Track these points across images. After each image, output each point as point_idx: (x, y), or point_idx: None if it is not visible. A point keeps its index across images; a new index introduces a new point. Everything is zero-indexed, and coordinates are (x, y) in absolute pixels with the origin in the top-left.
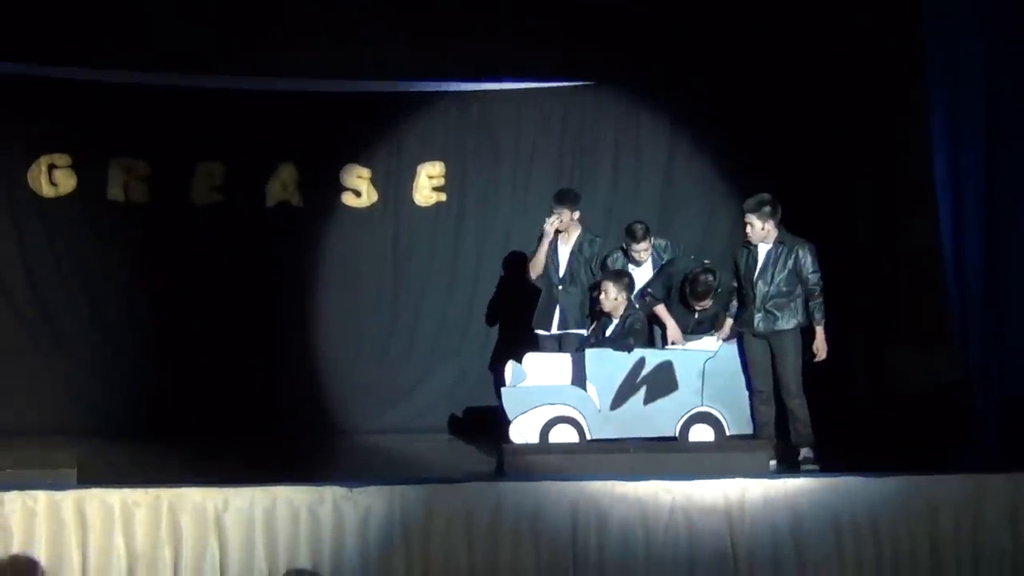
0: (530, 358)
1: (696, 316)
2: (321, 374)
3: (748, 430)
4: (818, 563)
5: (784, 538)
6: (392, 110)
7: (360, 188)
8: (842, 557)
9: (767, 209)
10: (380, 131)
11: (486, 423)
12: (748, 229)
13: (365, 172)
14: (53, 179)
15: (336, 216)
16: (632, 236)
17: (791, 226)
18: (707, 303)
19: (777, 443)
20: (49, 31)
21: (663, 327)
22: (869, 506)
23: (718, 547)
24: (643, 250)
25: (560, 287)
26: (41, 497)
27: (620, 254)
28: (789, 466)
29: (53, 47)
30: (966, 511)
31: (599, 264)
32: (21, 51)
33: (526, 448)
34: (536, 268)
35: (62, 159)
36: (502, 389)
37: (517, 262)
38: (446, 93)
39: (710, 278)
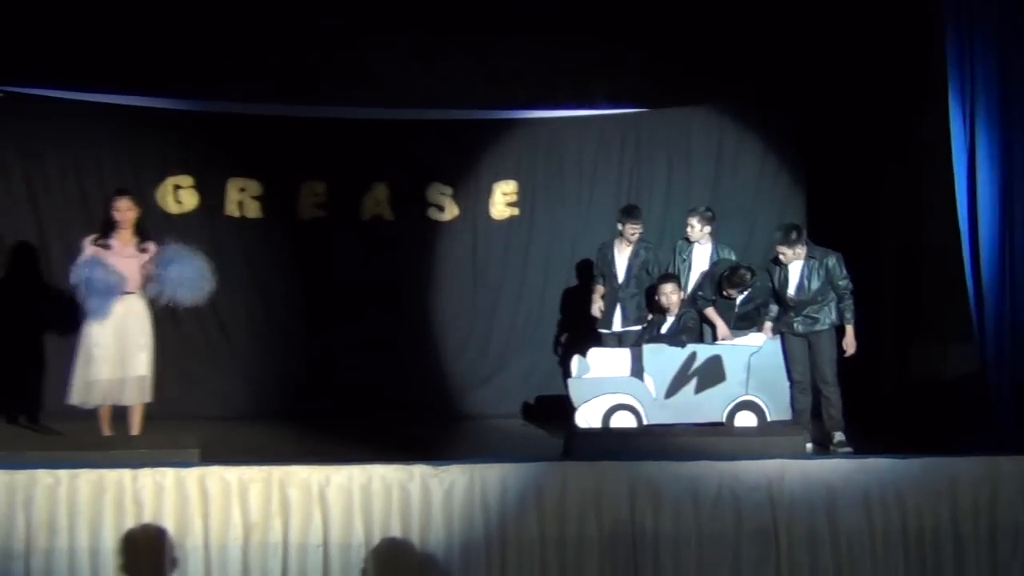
0: (593, 352)
1: (736, 311)
2: (410, 366)
3: (787, 416)
4: (850, 535)
5: (819, 513)
6: (471, 135)
7: (443, 204)
8: (871, 530)
9: (793, 236)
10: (460, 153)
11: (555, 410)
12: (780, 256)
13: (447, 190)
14: (178, 198)
15: (422, 228)
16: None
17: (823, 234)
18: (735, 292)
19: (813, 428)
20: (177, 70)
21: (712, 326)
22: (896, 484)
23: (760, 521)
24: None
25: (622, 289)
26: (169, 474)
27: (683, 241)
28: (823, 448)
29: (179, 83)
30: (983, 489)
31: (655, 267)
32: (152, 86)
33: (590, 432)
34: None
35: (186, 180)
36: (568, 380)
37: (581, 268)
38: (518, 120)
39: (747, 274)
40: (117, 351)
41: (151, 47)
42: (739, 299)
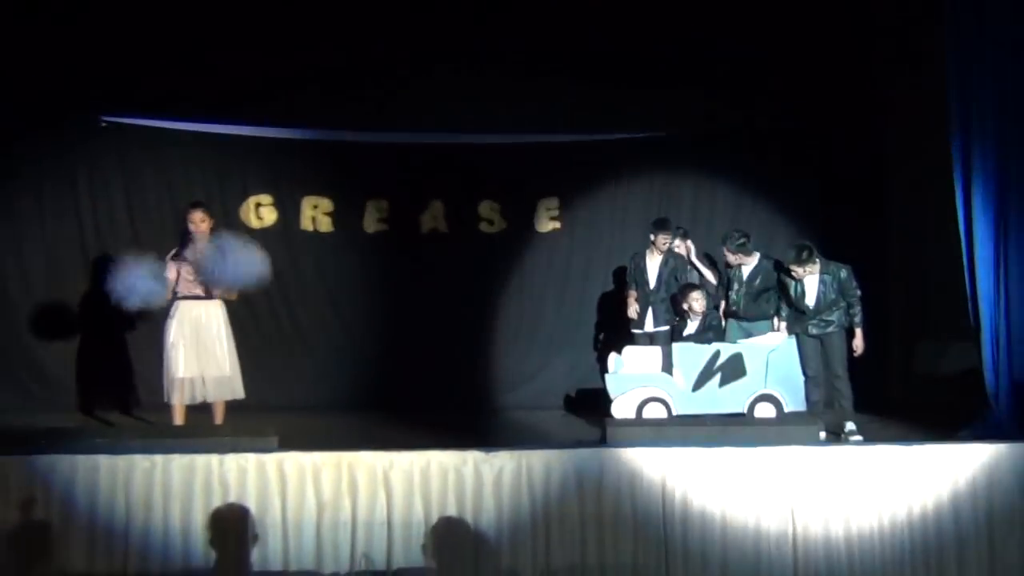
0: (628, 350)
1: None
2: (464, 363)
3: (802, 408)
4: (859, 515)
5: (832, 495)
6: (517, 157)
7: (492, 218)
8: (879, 512)
9: (804, 255)
10: (508, 173)
11: (593, 402)
12: (794, 273)
13: (496, 206)
14: (259, 214)
15: (474, 241)
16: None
17: (837, 248)
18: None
19: (826, 418)
20: (258, 101)
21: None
22: (902, 470)
23: (779, 501)
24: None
25: (653, 294)
26: (251, 459)
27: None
28: (836, 437)
29: (260, 113)
30: (982, 475)
31: (683, 274)
32: (236, 116)
33: (625, 422)
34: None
35: (266, 199)
36: (606, 375)
37: (616, 275)
38: (559, 143)
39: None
40: (199, 351)
41: (236, 81)
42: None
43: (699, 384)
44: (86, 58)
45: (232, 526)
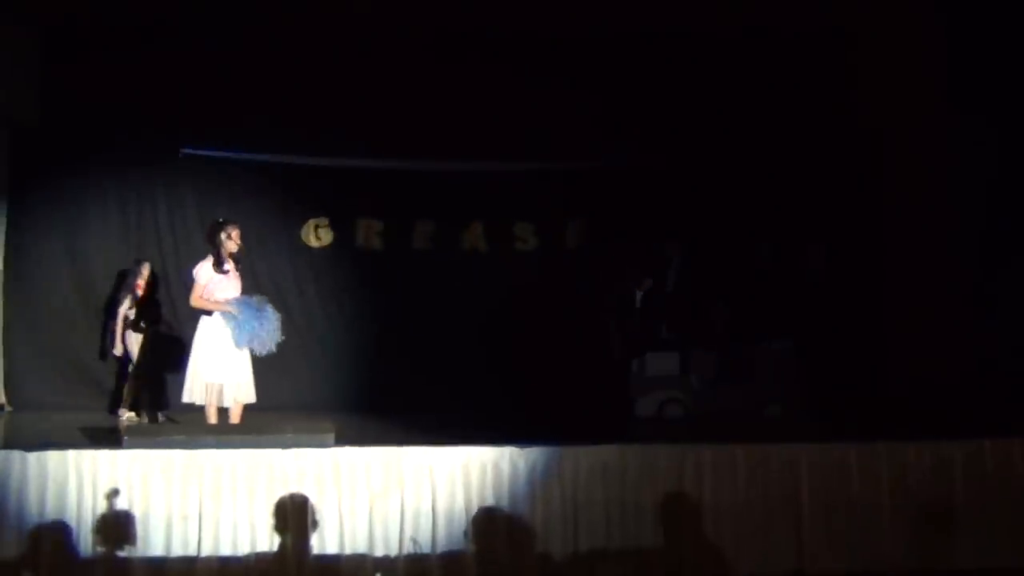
0: (650, 356)
1: None
2: (501, 366)
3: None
4: (864, 505)
5: (835, 486)
6: (550, 181)
7: (526, 237)
8: (880, 502)
9: None
10: (542, 196)
11: (618, 402)
12: None
13: (530, 226)
14: (318, 235)
15: (509, 257)
16: None
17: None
18: None
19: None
20: (317, 134)
21: None
22: (899, 463)
23: (787, 491)
24: None
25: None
26: (310, 453)
27: None
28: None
29: (319, 144)
30: (974, 465)
31: None
32: (297, 148)
33: (646, 419)
34: None
35: (323, 221)
36: (629, 377)
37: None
38: (584, 170)
39: None
40: (224, 357)
41: (295, 117)
42: None
43: (713, 387)
44: (167, 97)
45: (293, 514)
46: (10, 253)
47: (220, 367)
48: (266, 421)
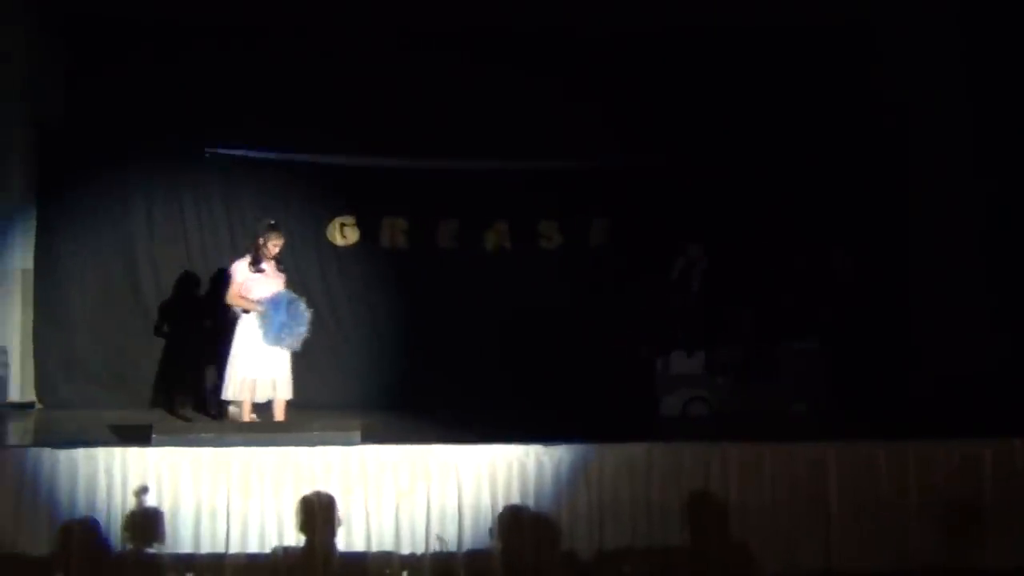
0: (675, 354)
1: None
2: (526, 364)
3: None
4: (891, 504)
5: (863, 485)
6: (574, 180)
7: (551, 235)
8: (906, 503)
9: None
10: (566, 194)
11: (643, 401)
12: None
13: (554, 224)
14: (343, 233)
15: (534, 255)
16: None
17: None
18: None
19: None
20: (343, 133)
21: None
22: (925, 462)
23: (812, 491)
24: None
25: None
26: (336, 451)
27: None
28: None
29: (344, 143)
30: (1002, 463)
31: None
32: (323, 147)
33: (671, 418)
34: None
35: (349, 219)
36: (655, 376)
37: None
38: (609, 168)
39: None
40: (263, 354)
41: (321, 117)
42: None
43: (736, 385)
44: (191, 97)
45: (320, 512)
46: (40, 252)
47: (255, 363)
48: (293, 419)
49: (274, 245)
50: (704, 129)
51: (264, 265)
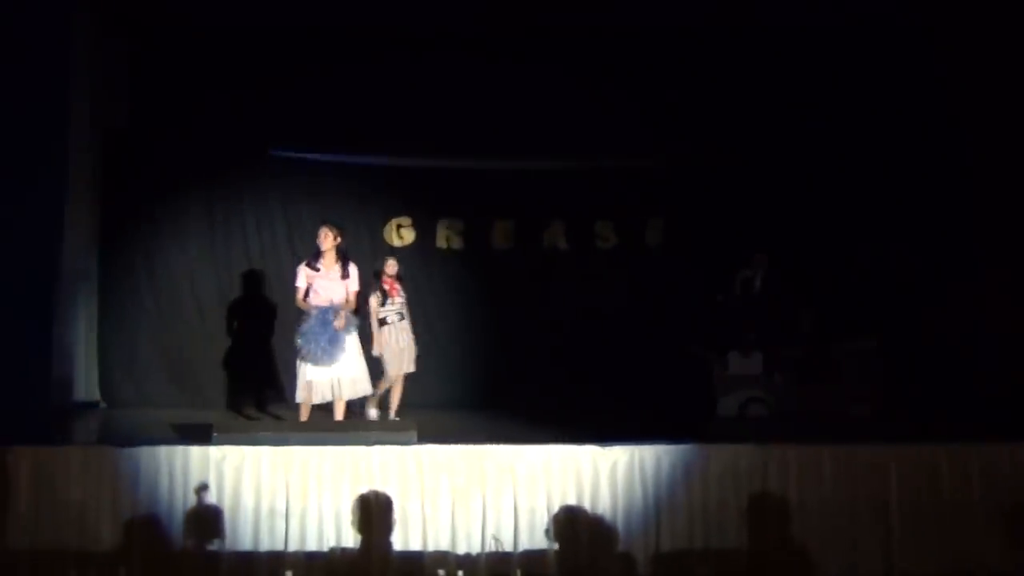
0: (733, 355)
1: None
2: (580, 364)
3: None
4: (955, 505)
5: (923, 487)
6: (630, 180)
7: (607, 235)
8: (970, 501)
9: None
10: (622, 194)
11: (700, 401)
12: None
13: (610, 224)
14: (400, 234)
15: (590, 255)
16: None
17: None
18: None
19: None
20: (400, 136)
21: None
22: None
23: (873, 492)
24: None
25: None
26: (393, 451)
27: None
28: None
29: (402, 145)
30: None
31: None
32: (381, 149)
33: (729, 419)
34: None
35: (405, 221)
36: (712, 376)
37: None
38: (664, 168)
39: None
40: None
41: (378, 120)
42: None
43: (793, 386)
44: (252, 100)
45: (377, 511)
46: (103, 254)
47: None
48: (351, 419)
49: (321, 239)
50: (763, 129)
51: (320, 264)
